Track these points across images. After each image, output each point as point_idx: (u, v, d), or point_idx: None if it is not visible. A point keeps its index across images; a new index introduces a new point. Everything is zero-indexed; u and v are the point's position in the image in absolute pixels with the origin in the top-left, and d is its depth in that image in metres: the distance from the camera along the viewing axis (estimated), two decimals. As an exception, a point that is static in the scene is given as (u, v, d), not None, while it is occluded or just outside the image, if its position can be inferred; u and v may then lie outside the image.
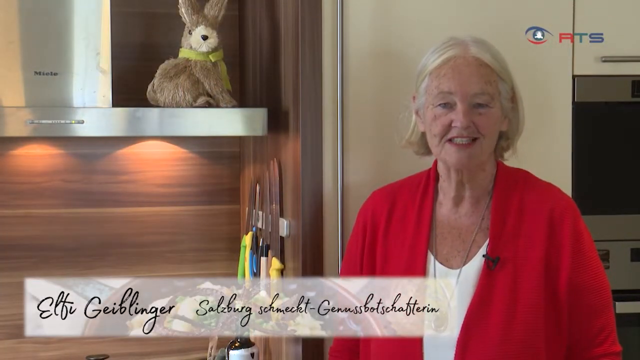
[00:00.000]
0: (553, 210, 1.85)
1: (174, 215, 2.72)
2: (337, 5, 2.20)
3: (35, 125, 2.24)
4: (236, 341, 2.47)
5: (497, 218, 1.86)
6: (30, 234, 2.60)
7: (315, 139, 2.23)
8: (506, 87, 1.86)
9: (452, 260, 1.88)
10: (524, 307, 1.79)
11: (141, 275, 2.66)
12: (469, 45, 1.85)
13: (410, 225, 1.92)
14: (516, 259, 1.82)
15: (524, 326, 1.78)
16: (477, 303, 1.81)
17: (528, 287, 1.80)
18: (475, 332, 1.79)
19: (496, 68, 1.84)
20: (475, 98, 1.82)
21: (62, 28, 2.35)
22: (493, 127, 1.85)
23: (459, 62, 1.83)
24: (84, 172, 2.64)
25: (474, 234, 1.88)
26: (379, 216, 1.97)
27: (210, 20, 2.40)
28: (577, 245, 1.83)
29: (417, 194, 1.95)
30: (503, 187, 1.90)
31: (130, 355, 2.63)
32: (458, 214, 1.91)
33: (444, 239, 1.90)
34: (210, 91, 2.39)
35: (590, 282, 1.83)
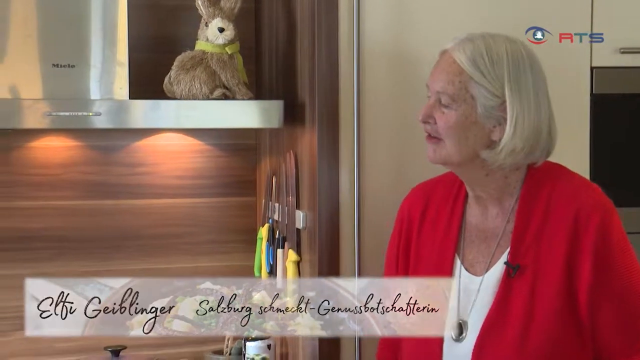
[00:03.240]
0: (579, 212, 1.73)
1: (190, 207, 2.73)
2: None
3: (53, 117, 2.25)
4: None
5: (520, 222, 1.78)
6: (48, 226, 2.61)
7: (331, 131, 2.23)
8: (484, 92, 1.72)
9: (477, 266, 1.82)
10: (541, 318, 1.71)
11: (158, 266, 2.69)
12: (460, 42, 1.77)
13: (442, 226, 1.88)
14: (537, 266, 1.74)
15: (540, 338, 1.70)
16: (494, 313, 1.75)
17: (547, 297, 1.72)
18: (489, 344, 1.74)
19: (468, 70, 1.73)
20: (438, 95, 1.77)
21: (79, 20, 2.37)
22: (453, 127, 1.74)
23: (443, 57, 1.78)
24: (101, 164, 2.65)
25: (499, 238, 1.81)
26: (414, 214, 1.94)
27: (226, 13, 2.40)
28: (602, 250, 1.70)
29: (451, 193, 1.90)
30: (531, 187, 1.80)
31: (147, 345, 2.61)
32: (485, 217, 1.85)
33: (471, 242, 1.85)
34: (226, 83, 2.40)
35: (618, 291, 1.71)
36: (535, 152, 1.76)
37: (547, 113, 1.77)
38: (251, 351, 2.46)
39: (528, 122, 1.73)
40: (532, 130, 1.74)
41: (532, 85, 1.74)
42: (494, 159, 1.74)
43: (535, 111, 1.74)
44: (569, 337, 1.71)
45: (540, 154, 1.78)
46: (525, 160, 1.77)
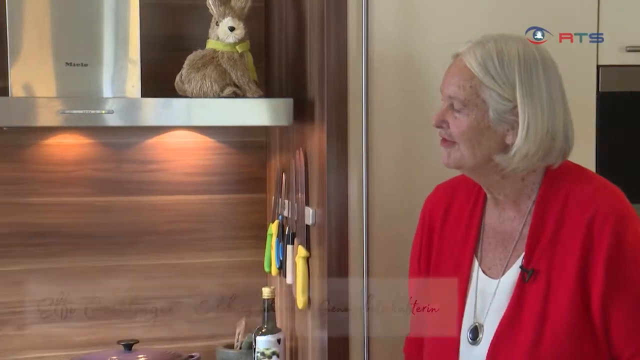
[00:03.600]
0: (595, 216, 1.67)
1: (201, 204, 2.73)
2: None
3: (67, 115, 2.26)
4: (263, 327, 2.51)
5: (536, 226, 1.74)
6: (62, 222, 2.61)
7: (340, 128, 2.23)
8: (495, 96, 1.69)
9: (494, 269, 1.79)
10: (554, 324, 1.68)
11: (170, 262, 2.70)
12: (472, 46, 1.73)
13: (462, 226, 1.85)
14: (550, 271, 1.70)
15: (553, 345, 1.67)
16: (508, 318, 1.73)
17: (560, 303, 1.68)
18: (503, 348, 1.72)
19: (478, 74, 1.70)
20: (450, 100, 1.74)
21: (92, 20, 2.39)
22: (465, 133, 1.71)
23: (455, 61, 1.75)
24: (114, 161, 2.65)
25: (515, 241, 1.77)
26: (435, 214, 1.91)
27: (237, 12, 2.40)
28: (615, 257, 1.65)
29: (472, 194, 1.87)
30: (548, 190, 1.75)
31: (160, 340, 2.65)
32: (502, 219, 1.81)
33: (489, 244, 1.82)
34: (237, 81, 2.39)
35: (630, 298, 1.67)
36: (551, 155, 1.72)
37: (562, 116, 1.72)
38: (261, 345, 2.48)
39: (541, 126, 1.68)
40: (546, 133, 1.69)
41: (545, 89, 1.70)
42: (507, 163, 1.71)
43: (548, 115, 1.69)
44: (583, 343, 1.68)
45: (556, 157, 1.73)
46: (540, 163, 1.73)
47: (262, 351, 2.48)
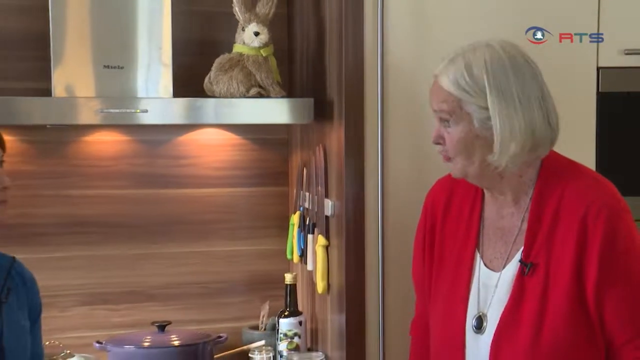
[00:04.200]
0: (588, 210, 1.65)
1: (228, 196, 2.72)
2: (378, 3, 2.20)
3: (105, 114, 2.27)
4: (285, 310, 2.52)
5: (533, 221, 1.72)
6: (101, 212, 2.62)
7: (357, 126, 2.23)
8: (475, 107, 1.67)
9: (495, 262, 1.77)
10: (553, 315, 1.66)
11: (199, 250, 2.69)
12: (444, 67, 1.70)
13: (463, 221, 1.83)
14: (548, 264, 1.68)
15: (552, 334, 1.66)
16: (509, 309, 1.71)
17: (558, 294, 1.66)
18: (506, 337, 1.70)
19: (454, 93, 1.67)
20: (438, 114, 1.72)
21: (128, 26, 2.39)
22: (457, 145, 1.70)
23: (435, 82, 1.73)
24: (148, 156, 2.66)
25: (515, 236, 1.75)
26: (437, 208, 1.89)
27: (261, 18, 2.41)
28: (609, 248, 1.63)
29: (471, 189, 1.84)
30: (544, 186, 1.73)
31: (191, 321, 2.66)
32: (501, 215, 1.79)
33: (489, 239, 1.80)
34: (261, 83, 2.40)
35: (622, 289, 1.65)
36: (539, 147, 1.70)
37: (541, 108, 1.68)
38: (284, 327, 2.49)
39: (519, 124, 1.65)
40: (526, 130, 1.66)
41: (516, 87, 1.66)
42: (498, 162, 1.68)
43: (523, 112, 1.66)
44: (580, 331, 1.67)
45: (544, 147, 1.71)
46: (532, 156, 1.71)
47: (285, 332, 2.49)
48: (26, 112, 2.26)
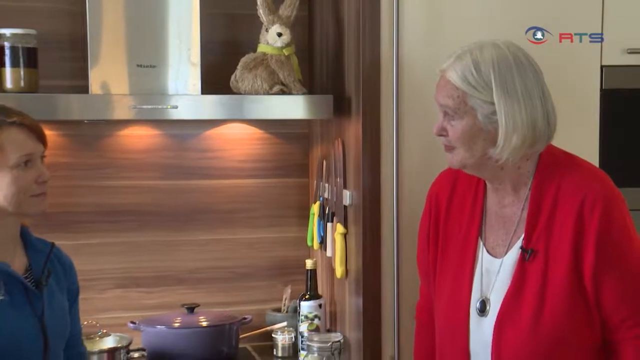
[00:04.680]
0: (584, 200, 1.65)
1: (252, 187, 2.71)
2: (393, 6, 2.21)
3: (137, 110, 2.28)
4: (306, 294, 2.53)
5: (533, 210, 1.71)
6: (134, 202, 2.62)
7: (374, 121, 2.24)
8: (480, 102, 1.66)
9: (497, 249, 1.77)
10: (552, 299, 1.66)
11: (225, 237, 2.69)
12: (452, 62, 1.70)
13: (466, 211, 1.82)
14: (548, 251, 1.68)
15: (552, 316, 1.66)
16: (511, 293, 1.71)
17: (557, 279, 1.66)
18: (508, 320, 1.70)
19: (460, 87, 1.67)
20: (443, 109, 1.72)
21: (159, 28, 2.40)
22: (461, 137, 1.69)
23: (441, 77, 1.73)
24: (178, 149, 2.65)
25: (516, 224, 1.75)
26: (441, 198, 1.88)
27: (284, 20, 2.41)
28: (604, 236, 1.64)
29: (473, 181, 1.83)
30: (542, 177, 1.72)
31: (218, 304, 2.66)
32: (502, 204, 1.78)
33: (491, 227, 1.79)
34: (284, 80, 2.41)
35: (617, 271, 1.65)
36: (537, 143, 1.69)
37: (542, 106, 1.68)
38: (305, 309, 2.50)
39: (521, 120, 1.65)
40: (528, 125, 1.66)
41: (520, 85, 1.66)
42: (499, 156, 1.68)
43: (526, 108, 1.66)
44: (578, 313, 1.67)
45: (542, 143, 1.71)
46: (530, 150, 1.70)
47: (306, 314, 2.51)
48: (65, 108, 2.27)
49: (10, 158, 1.68)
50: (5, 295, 1.68)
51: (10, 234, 1.76)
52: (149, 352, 2.44)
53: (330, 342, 2.34)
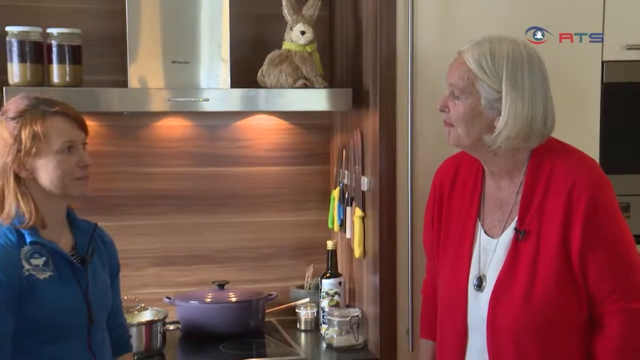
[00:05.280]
0: (574, 187, 1.65)
1: (277, 174, 2.72)
2: (408, 6, 2.20)
3: (172, 102, 2.30)
4: (327, 272, 2.53)
5: (526, 194, 1.71)
6: (169, 187, 2.63)
7: (390, 113, 2.24)
8: (486, 87, 1.66)
9: (493, 230, 1.77)
10: (543, 276, 1.66)
11: (253, 220, 2.68)
12: (471, 46, 1.70)
13: (467, 195, 1.82)
14: (539, 232, 1.68)
15: (542, 293, 1.66)
16: (505, 270, 1.71)
17: (547, 258, 1.67)
18: (502, 294, 1.70)
19: (473, 69, 1.67)
20: (451, 87, 1.72)
21: (192, 27, 2.40)
22: (461, 117, 1.70)
23: (458, 57, 1.73)
24: (209, 139, 2.65)
25: (511, 207, 1.74)
26: (445, 183, 1.88)
27: (307, 19, 2.42)
28: (590, 219, 1.64)
29: (474, 168, 1.83)
30: (536, 164, 1.72)
31: (246, 281, 2.67)
32: (499, 188, 1.78)
33: (489, 209, 1.79)
34: (307, 75, 2.41)
35: (602, 252, 1.65)
36: (531, 139, 1.69)
37: (543, 106, 1.68)
38: (326, 286, 2.50)
39: (521, 115, 1.66)
40: (526, 121, 1.66)
41: (528, 83, 1.66)
42: (493, 142, 1.68)
43: (529, 105, 1.66)
44: (566, 289, 1.67)
45: (535, 140, 1.71)
46: (522, 144, 1.70)
47: (327, 291, 2.51)
48: (106, 101, 2.29)
49: (54, 144, 1.69)
50: (54, 271, 1.69)
51: (58, 216, 1.77)
52: (183, 324, 2.46)
53: (349, 316, 2.37)
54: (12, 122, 1.68)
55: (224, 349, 2.37)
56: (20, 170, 1.68)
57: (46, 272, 1.68)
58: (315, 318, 2.56)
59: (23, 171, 1.69)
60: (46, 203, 1.72)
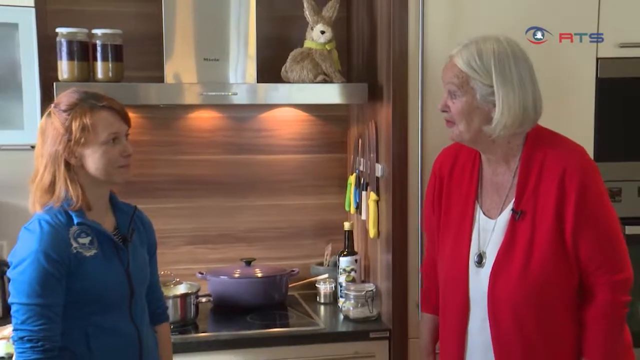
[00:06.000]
0: (565, 171, 1.67)
1: (299, 161, 2.72)
2: (419, 7, 2.20)
3: (204, 96, 2.30)
4: (344, 250, 2.53)
5: (522, 178, 1.73)
6: (202, 173, 2.64)
7: (402, 105, 2.24)
8: (479, 84, 1.68)
9: (492, 211, 1.77)
10: (538, 252, 1.68)
11: (277, 202, 2.68)
12: (460, 49, 1.72)
13: (465, 180, 1.83)
14: (535, 212, 1.70)
15: (538, 267, 1.68)
16: (504, 247, 1.72)
17: (542, 236, 1.68)
18: (501, 270, 1.72)
19: (465, 70, 1.69)
20: (448, 86, 1.73)
21: (222, 27, 2.40)
22: (461, 113, 1.71)
23: (450, 61, 1.75)
24: (237, 129, 2.66)
25: (508, 189, 1.75)
26: (444, 170, 1.89)
27: (326, 20, 2.42)
28: (581, 200, 1.66)
29: (471, 156, 1.84)
30: (530, 151, 1.73)
31: (271, 258, 2.67)
32: (496, 174, 1.78)
33: (487, 193, 1.80)
34: (326, 71, 2.41)
35: (592, 229, 1.67)
36: (525, 124, 1.71)
37: (532, 94, 1.70)
38: (343, 264, 2.51)
39: (514, 103, 1.67)
40: (519, 108, 1.68)
41: (516, 74, 1.68)
42: (492, 132, 1.70)
43: (519, 94, 1.68)
44: (560, 264, 1.69)
45: (528, 125, 1.73)
46: (518, 130, 1.71)
47: (344, 268, 2.52)
48: (145, 95, 2.30)
49: (100, 135, 1.70)
50: (98, 249, 1.71)
51: (102, 199, 1.78)
52: (214, 297, 2.49)
53: (365, 291, 2.37)
54: (64, 114, 1.69)
55: (250, 320, 2.39)
56: (69, 157, 1.69)
57: (91, 250, 1.70)
58: (334, 292, 2.57)
59: (72, 159, 1.69)
60: (92, 188, 1.73)
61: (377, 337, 2.26)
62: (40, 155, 1.71)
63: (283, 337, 2.27)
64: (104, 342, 1.70)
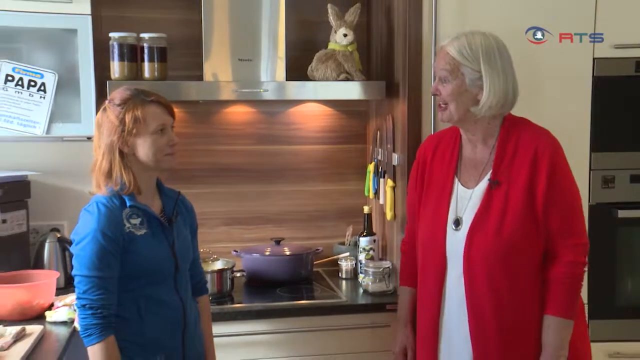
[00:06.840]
0: (537, 147, 1.74)
1: (323, 151, 2.73)
2: (432, 13, 2.19)
3: (238, 92, 2.33)
4: (364, 231, 2.54)
5: (499, 152, 1.78)
6: (236, 161, 2.66)
7: (417, 101, 2.25)
8: (469, 70, 1.74)
9: (469, 183, 1.81)
10: (511, 216, 1.73)
11: (304, 188, 2.69)
12: (451, 40, 1.78)
13: (446, 159, 1.87)
14: (509, 182, 1.75)
15: (510, 229, 1.72)
16: (480, 212, 1.76)
17: (515, 203, 1.73)
18: (477, 233, 1.75)
19: (456, 57, 1.75)
20: (440, 72, 1.78)
21: (254, 31, 2.41)
22: (452, 95, 1.76)
23: (442, 50, 1.79)
24: (268, 123, 2.67)
25: (485, 164, 1.80)
26: (427, 154, 1.92)
27: (348, 24, 2.43)
28: (551, 172, 1.73)
29: (452, 140, 1.88)
30: (505, 132, 1.79)
31: (297, 238, 2.69)
32: (474, 152, 1.83)
33: (465, 168, 1.84)
34: (348, 70, 2.43)
35: (560, 198, 1.73)
36: (505, 106, 1.78)
37: (512, 81, 1.77)
38: (363, 243, 2.53)
39: (499, 87, 1.75)
40: (502, 92, 1.75)
41: (500, 64, 1.75)
42: (478, 112, 1.76)
43: (502, 80, 1.75)
44: (529, 227, 1.73)
45: (508, 107, 1.80)
46: (500, 111, 1.78)
47: (364, 247, 2.54)
48: (186, 92, 2.32)
49: (150, 126, 1.72)
50: (147, 229, 1.74)
51: (150, 184, 1.81)
52: (247, 273, 2.51)
53: (382, 267, 2.38)
54: (118, 108, 1.72)
55: (280, 293, 2.40)
56: (123, 147, 1.72)
57: (142, 229, 1.74)
58: (354, 269, 2.58)
59: (125, 148, 1.72)
60: (142, 174, 1.76)
61: (392, 309, 2.23)
62: (98, 146, 1.76)
63: (309, 308, 2.28)
64: (153, 311, 1.74)
